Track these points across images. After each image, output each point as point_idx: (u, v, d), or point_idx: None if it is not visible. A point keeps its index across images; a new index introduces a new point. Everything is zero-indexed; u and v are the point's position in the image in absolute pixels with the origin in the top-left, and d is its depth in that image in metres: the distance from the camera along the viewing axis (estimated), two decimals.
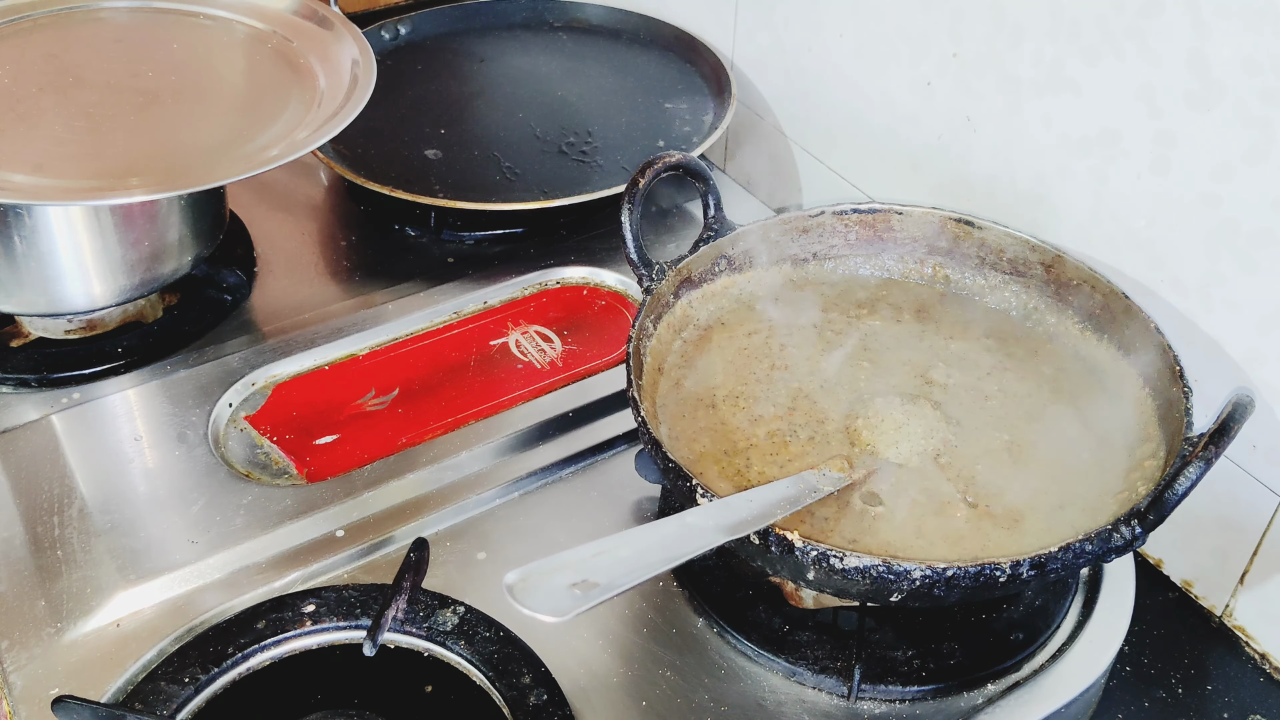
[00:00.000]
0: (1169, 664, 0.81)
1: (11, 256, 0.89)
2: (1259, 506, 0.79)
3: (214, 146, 0.91)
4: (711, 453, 0.77)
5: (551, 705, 0.70)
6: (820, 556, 0.65)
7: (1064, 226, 0.88)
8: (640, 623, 0.77)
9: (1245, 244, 0.75)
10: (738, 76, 1.22)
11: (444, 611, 0.75)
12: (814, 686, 0.74)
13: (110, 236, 0.92)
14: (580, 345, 0.99)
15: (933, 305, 0.90)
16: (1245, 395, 0.67)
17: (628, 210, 0.83)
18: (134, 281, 0.95)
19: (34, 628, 0.75)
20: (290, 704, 0.73)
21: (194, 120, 0.94)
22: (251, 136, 0.92)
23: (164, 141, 0.91)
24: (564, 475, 0.88)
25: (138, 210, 0.92)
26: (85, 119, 0.92)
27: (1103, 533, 0.66)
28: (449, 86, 1.27)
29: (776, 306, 0.89)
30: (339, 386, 0.95)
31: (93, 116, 0.93)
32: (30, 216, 0.88)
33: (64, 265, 0.91)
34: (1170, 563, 0.87)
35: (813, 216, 0.90)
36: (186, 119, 0.94)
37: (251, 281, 1.06)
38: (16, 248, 0.89)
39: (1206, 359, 0.79)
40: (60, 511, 0.83)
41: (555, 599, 0.56)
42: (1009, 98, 0.90)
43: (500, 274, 1.05)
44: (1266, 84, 0.71)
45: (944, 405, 0.80)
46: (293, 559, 0.81)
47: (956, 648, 0.75)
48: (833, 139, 1.11)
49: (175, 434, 0.89)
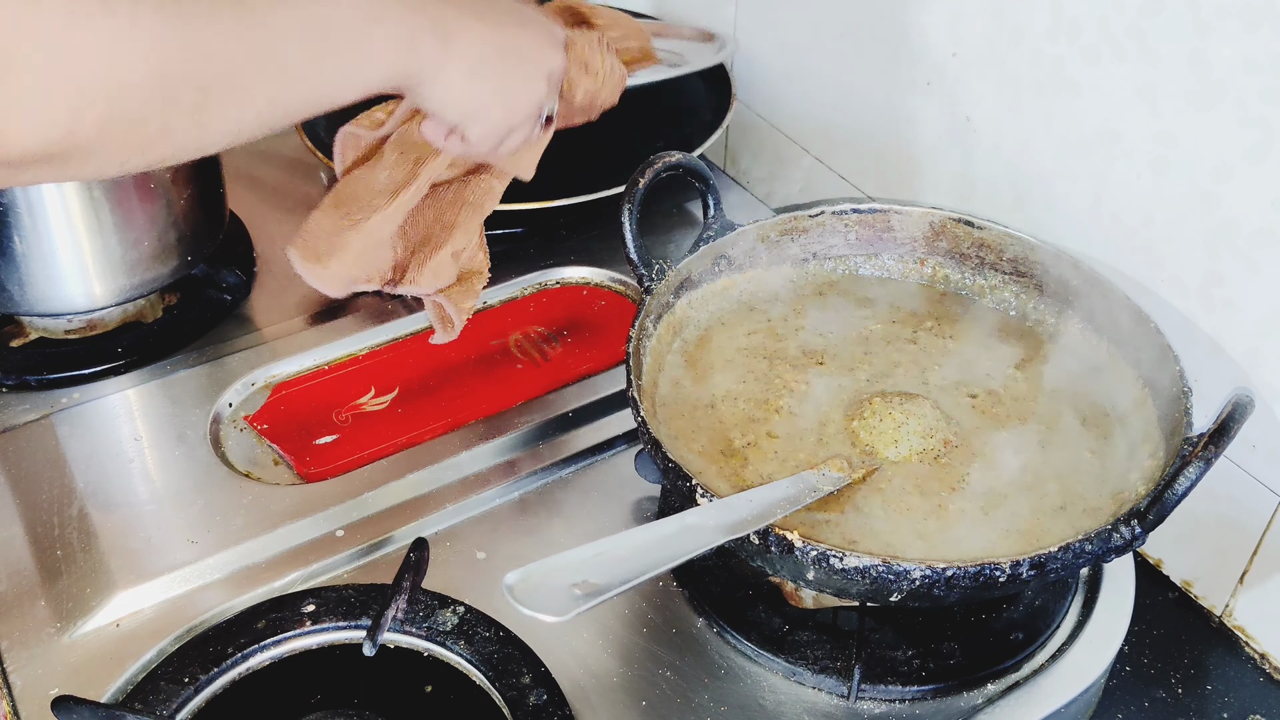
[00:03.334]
0: (1169, 664, 0.81)
1: (11, 256, 0.89)
2: (1259, 506, 0.79)
3: None
4: (711, 452, 0.77)
5: (551, 705, 0.70)
6: (820, 556, 0.65)
7: (1064, 226, 0.88)
8: (640, 623, 0.77)
9: (1245, 244, 0.75)
10: (738, 76, 1.22)
11: (444, 611, 0.75)
12: (814, 686, 0.74)
13: (110, 236, 0.92)
14: (580, 345, 0.99)
15: (932, 305, 0.90)
16: (1245, 395, 0.67)
17: (627, 210, 0.83)
18: (134, 281, 0.95)
19: (34, 628, 0.75)
20: (290, 704, 0.73)
21: None
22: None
23: None
24: (564, 475, 0.88)
25: (137, 208, 0.92)
26: None
27: (1103, 533, 0.66)
28: None
29: (776, 307, 0.89)
30: (339, 386, 0.95)
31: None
32: (31, 216, 0.88)
33: (64, 265, 0.91)
34: (1170, 563, 0.87)
35: (813, 216, 0.90)
36: None
37: (251, 281, 1.06)
38: (16, 248, 0.89)
39: (1206, 359, 0.79)
40: (60, 511, 0.83)
41: (555, 599, 0.56)
42: (1009, 98, 0.90)
43: (500, 274, 1.05)
44: (1266, 84, 0.71)
45: (943, 405, 0.80)
46: (293, 559, 0.81)
47: (956, 648, 0.75)
48: (833, 139, 1.11)
49: (175, 434, 0.89)
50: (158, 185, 0.93)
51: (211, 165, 1.00)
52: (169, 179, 0.94)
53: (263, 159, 1.21)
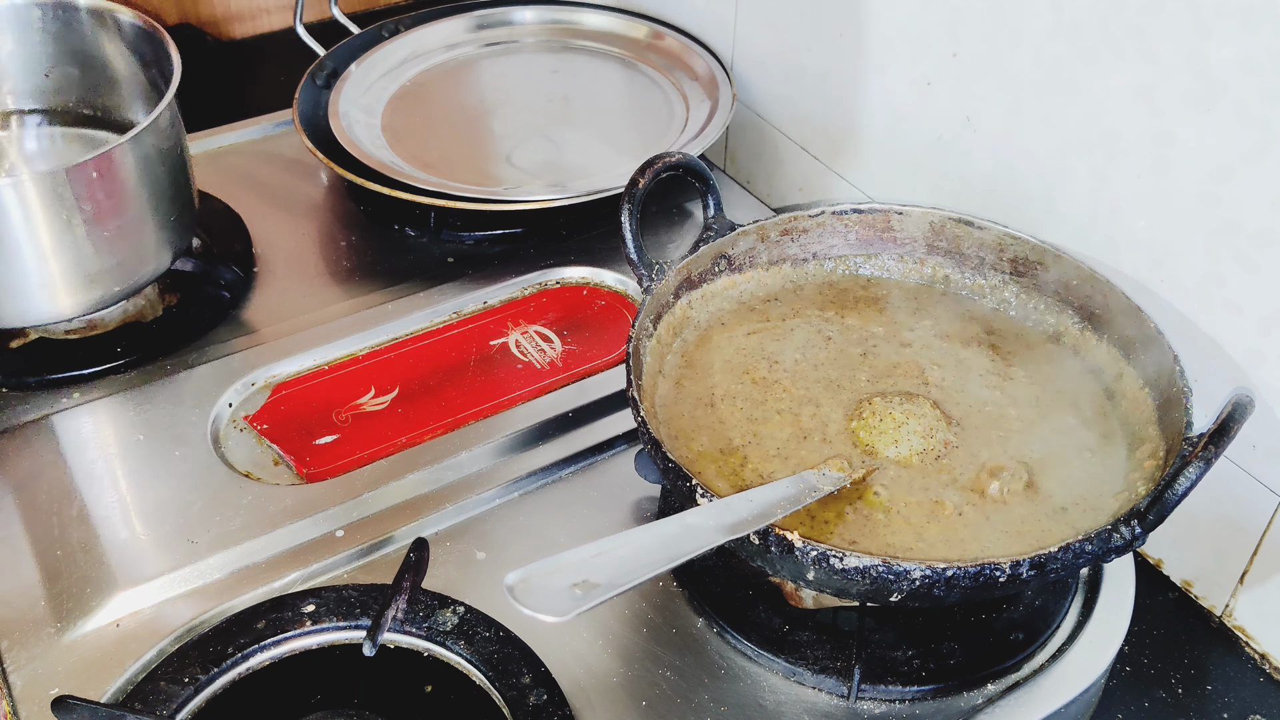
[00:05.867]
0: (1169, 664, 0.81)
1: None
2: (1259, 506, 0.79)
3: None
4: (711, 452, 0.77)
5: (551, 705, 0.70)
6: (820, 556, 0.65)
7: (1064, 226, 0.88)
8: (640, 623, 0.77)
9: (1245, 244, 0.75)
10: (737, 76, 1.22)
11: (444, 611, 0.75)
12: (814, 686, 0.74)
13: (84, 246, 0.90)
14: (580, 345, 0.99)
15: (933, 305, 0.90)
16: (1245, 395, 0.67)
17: (627, 210, 0.83)
18: (109, 291, 0.94)
19: (34, 628, 0.75)
20: (290, 704, 0.73)
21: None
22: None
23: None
24: (564, 475, 0.88)
25: (105, 211, 0.90)
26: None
27: (1103, 533, 0.66)
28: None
29: (776, 306, 0.89)
30: (339, 386, 0.95)
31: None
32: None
33: (31, 277, 0.89)
34: (1170, 563, 0.87)
35: (813, 216, 0.90)
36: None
37: (251, 281, 1.06)
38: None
39: (1206, 359, 0.79)
40: (60, 511, 0.83)
41: (555, 599, 0.56)
42: (1009, 98, 0.90)
43: (500, 274, 1.05)
44: (1266, 84, 0.71)
45: (943, 405, 0.80)
46: (293, 559, 0.81)
47: (956, 648, 0.75)
48: (833, 139, 1.11)
49: (175, 434, 0.89)
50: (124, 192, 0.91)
51: (174, 160, 0.97)
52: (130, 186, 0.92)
53: (263, 159, 1.21)
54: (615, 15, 1.35)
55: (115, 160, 0.89)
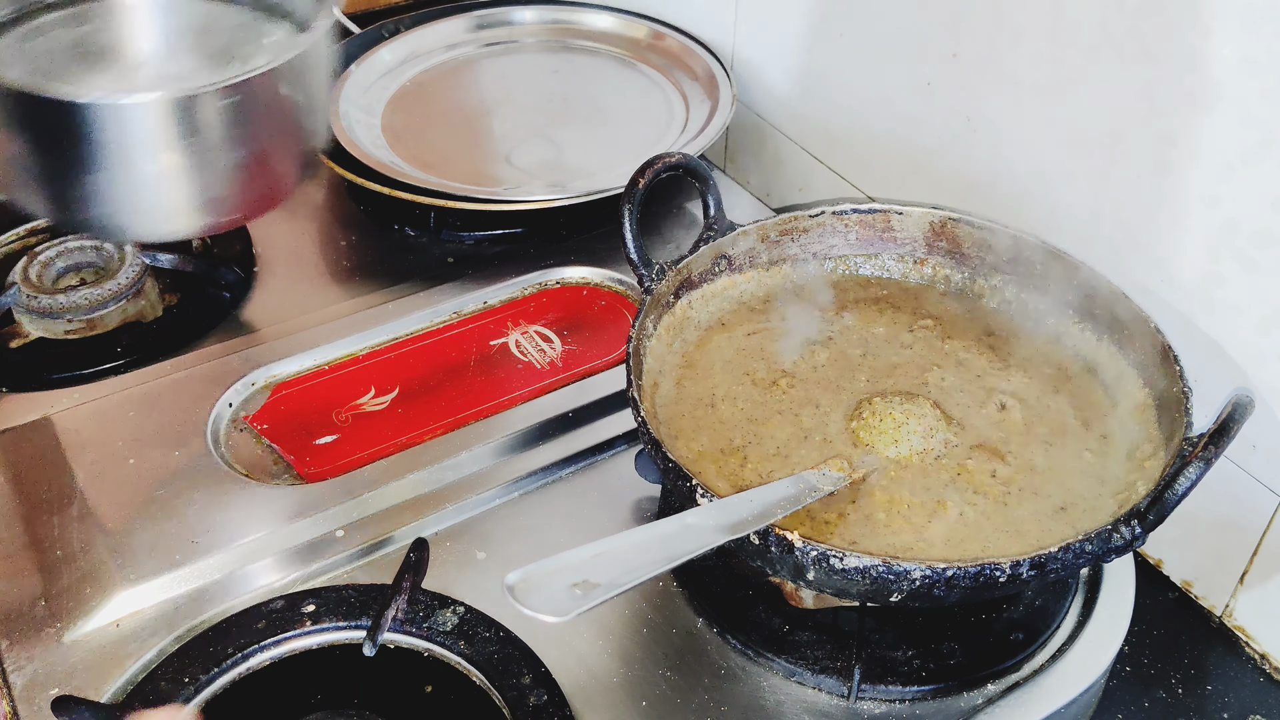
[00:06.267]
0: (1169, 664, 0.81)
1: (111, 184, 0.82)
2: (1259, 506, 0.79)
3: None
4: (711, 452, 0.77)
5: (551, 705, 0.70)
6: (820, 556, 0.65)
7: (1064, 226, 0.88)
8: (640, 623, 0.77)
9: (1245, 244, 0.75)
10: (737, 77, 1.22)
11: (444, 611, 0.75)
12: (814, 686, 0.74)
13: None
14: (580, 345, 0.99)
15: (933, 305, 0.90)
16: (1245, 395, 0.67)
17: (627, 210, 0.83)
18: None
19: (34, 628, 0.75)
20: (290, 704, 0.73)
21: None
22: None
23: None
24: (564, 475, 0.88)
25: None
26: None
27: (1103, 533, 0.66)
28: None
29: (776, 307, 0.89)
30: (339, 386, 0.95)
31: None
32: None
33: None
34: (1170, 563, 0.87)
35: (813, 216, 0.90)
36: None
37: (251, 281, 1.06)
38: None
39: (1206, 359, 0.79)
40: (60, 511, 0.83)
41: (555, 599, 0.56)
42: (1009, 98, 0.90)
43: (500, 274, 1.05)
44: (1266, 84, 0.71)
45: (943, 405, 0.80)
46: (293, 559, 0.81)
47: (956, 648, 0.75)
48: (833, 139, 1.11)
49: (175, 434, 0.89)
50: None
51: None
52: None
53: None
54: (615, 15, 1.35)
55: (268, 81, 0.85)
